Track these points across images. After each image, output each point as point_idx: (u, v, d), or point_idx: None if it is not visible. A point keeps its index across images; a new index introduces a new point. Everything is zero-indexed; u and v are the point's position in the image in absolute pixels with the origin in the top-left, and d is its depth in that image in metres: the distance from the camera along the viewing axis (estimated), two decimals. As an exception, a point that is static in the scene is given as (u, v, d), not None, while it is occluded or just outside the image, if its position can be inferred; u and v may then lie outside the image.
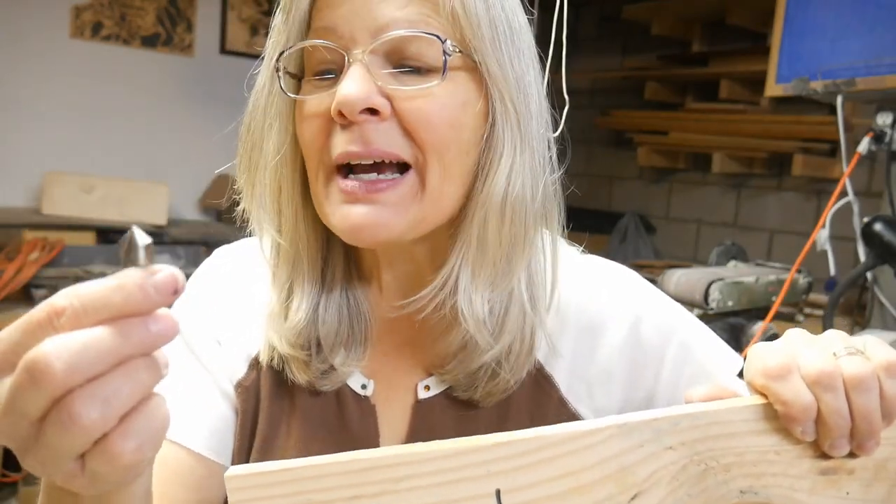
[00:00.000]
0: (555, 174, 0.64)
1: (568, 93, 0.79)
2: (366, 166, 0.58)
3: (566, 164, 0.66)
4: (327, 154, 0.58)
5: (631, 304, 0.68)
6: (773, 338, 1.09)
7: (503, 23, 0.59)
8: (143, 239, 0.36)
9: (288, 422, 0.67)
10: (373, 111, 0.56)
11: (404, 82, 0.57)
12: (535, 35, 0.64)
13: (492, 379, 0.63)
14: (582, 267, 0.71)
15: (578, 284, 0.69)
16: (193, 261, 2.64)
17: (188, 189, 3.23)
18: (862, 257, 1.56)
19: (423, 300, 0.60)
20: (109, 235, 2.65)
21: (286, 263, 0.65)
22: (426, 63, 0.57)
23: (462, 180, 0.60)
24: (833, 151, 2.61)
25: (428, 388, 0.66)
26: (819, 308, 1.99)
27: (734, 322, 1.74)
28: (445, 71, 0.57)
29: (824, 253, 1.66)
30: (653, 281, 1.03)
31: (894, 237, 1.43)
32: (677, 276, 1.75)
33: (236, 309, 0.70)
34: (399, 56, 0.58)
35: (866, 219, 1.50)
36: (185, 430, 0.66)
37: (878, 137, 1.58)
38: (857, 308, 1.83)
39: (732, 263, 2.04)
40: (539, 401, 0.66)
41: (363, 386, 0.67)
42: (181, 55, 3.26)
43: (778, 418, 0.45)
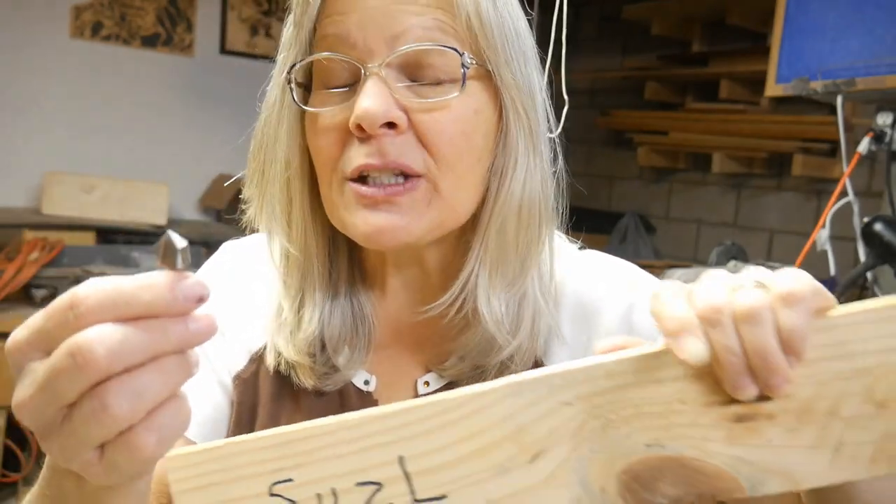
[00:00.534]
0: (556, 174, 0.65)
1: (568, 93, 0.80)
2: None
3: (566, 165, 0.67)
4: (342, 165, 0.59)
5: (626, 292, 0.68)
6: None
7: (511, 29, 0.60)
8: (180, 242, 0.37)
9: (290, 417, 0.67)
10: (391, 125, 0.57)
11: (421, 94, 0.58)
12: (535, 36, 0.64)
13: (500, 373, 0.64)
14: (581, 259, 0.72)
15: (577, 275, 0.70)
16: (194, 261, 2.63)
17: (188, 189, 3.23)
18: (862, 257, 1.56)
19: (445, 304, 0.62)
20: (109, 235, 2.65)
21: (296, 271, 0.65)
22: (443, 75, 0.58)
23: (476, 187, 0.61)
24: (833, 151, 2.60)
25: (427, 384, 0.67)
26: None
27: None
28: (465, 84, 0.57)
29: (824, 253, 1.66)
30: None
31: (894, 237, 1.43)
32: (677, 276, 1.75)
33: (238, 305, 0.71)
34: (416, 67, 0.58)
35: (866, 219, 1.50)
36: None
37: (878, 137, 1.58)
38: (857, 308, 1.83)
39: (732, 263, 2.03)
40: None
41: (366, 381, 0.68)
42: (181, 55, 3.26)
43: (679, 365, 0.40)
